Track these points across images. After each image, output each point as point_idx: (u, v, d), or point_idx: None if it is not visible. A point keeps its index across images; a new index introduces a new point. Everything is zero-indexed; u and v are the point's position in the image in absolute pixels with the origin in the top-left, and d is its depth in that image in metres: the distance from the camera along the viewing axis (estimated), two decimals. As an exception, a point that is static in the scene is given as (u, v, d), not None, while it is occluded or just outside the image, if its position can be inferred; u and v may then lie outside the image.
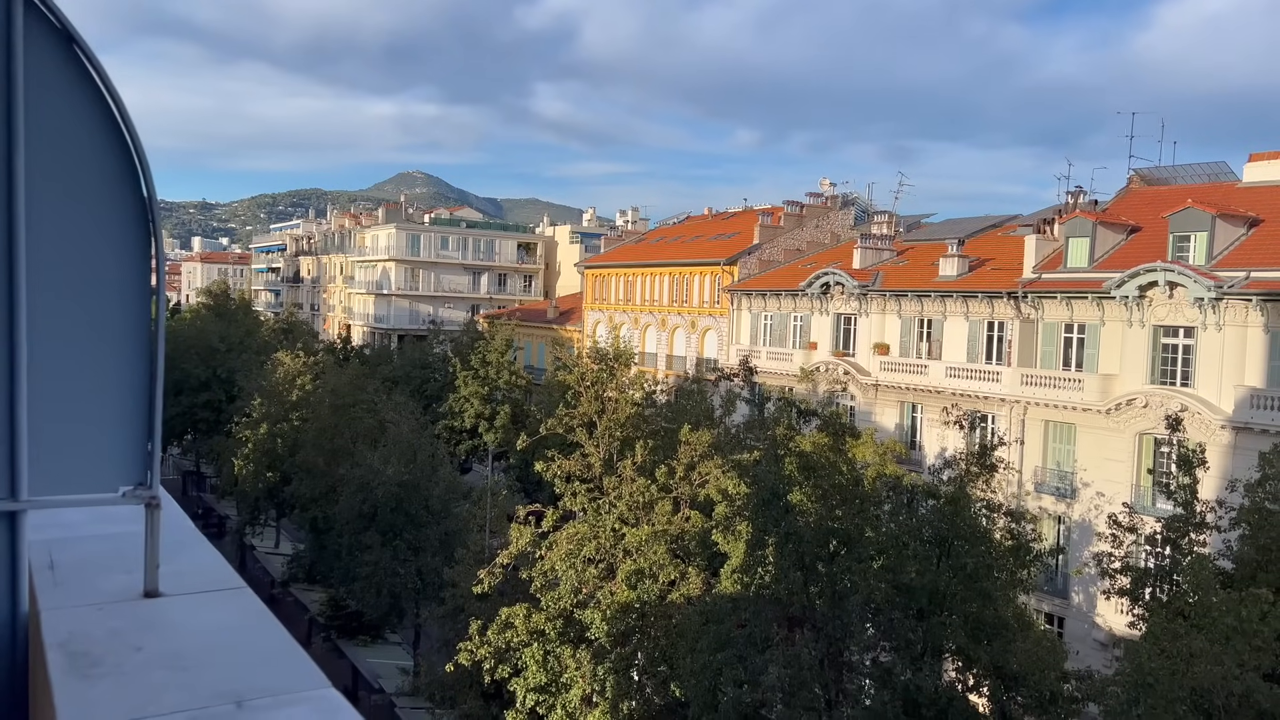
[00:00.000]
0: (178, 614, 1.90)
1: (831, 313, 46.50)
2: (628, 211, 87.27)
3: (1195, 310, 32.03)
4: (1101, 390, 34.29)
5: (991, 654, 20.64)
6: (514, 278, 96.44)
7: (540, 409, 47.16)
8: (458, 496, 40.43)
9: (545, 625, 25.42)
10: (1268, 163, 37.12)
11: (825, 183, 58.26)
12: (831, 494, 22.08)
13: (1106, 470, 34.00)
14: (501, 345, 59.16)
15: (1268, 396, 29.90)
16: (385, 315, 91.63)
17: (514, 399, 57.96)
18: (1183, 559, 21.70)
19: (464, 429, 56.84)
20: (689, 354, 56.41)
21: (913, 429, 41.99)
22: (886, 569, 21.55)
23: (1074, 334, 36.28)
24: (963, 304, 40.19)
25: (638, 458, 27.51)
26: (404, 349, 74.62)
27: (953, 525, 21.32)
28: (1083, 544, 32.85)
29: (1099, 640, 32.70)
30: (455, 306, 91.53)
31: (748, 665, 20.89)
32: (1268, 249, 32.14)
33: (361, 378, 52.93)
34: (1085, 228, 37.26)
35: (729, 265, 53.94)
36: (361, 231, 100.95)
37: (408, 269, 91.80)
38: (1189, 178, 40.80)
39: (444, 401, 57.72)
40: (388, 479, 36.91)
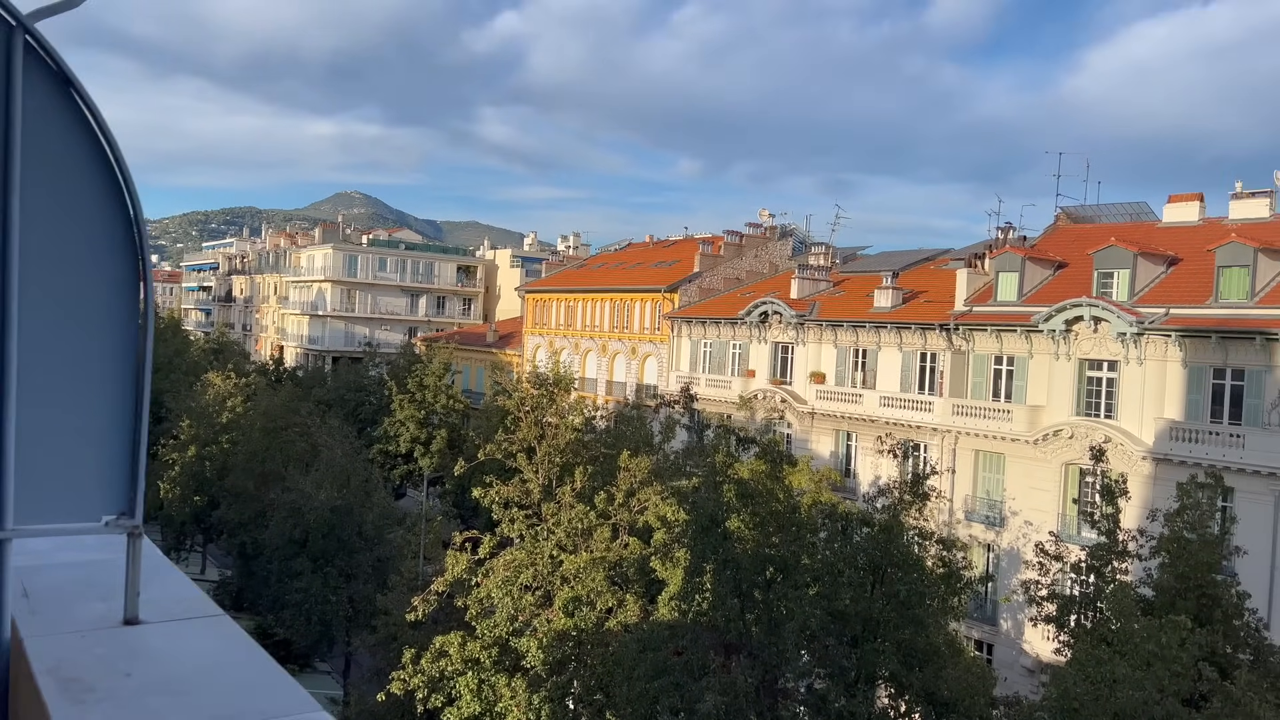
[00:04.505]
0: (161, 641, 1.90)
1: (769, 341, 47.06)
2: (570, 237, 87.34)
3: (1118, 345, 33.15)
4: (1029, 421, 35.22)
5: (923, 680, 20.95)
6: (453, 301, 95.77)
7: (478, 434, 46.75)
8: (392, 522, 39.82)
9: (480, 653, 25.11)
10: (1185, 204, 38.72)
11: (765, 213, 59.13)
12: (769, 521, 22.28)
13: (1034, 499, 34.87)
14: (439, 369, 58.62)
15: (1186, 429, 31.02)
16: (320, 337, 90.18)
17: (451, 423, 57.39)
18: (1106, 586, 22.32)
19: (399, 453, 56.05)
20: (629, 380, 56.53)
21: (847, 457, 42.60)
22: (822, 596, 21.77)
23: (1003, 366, 37.26)
24: (897, 335, 41.02)
25: (577, 484, 27.45)
26: (339, 371, 73.47)
27: (886, 553, 21.65)
28: (1011, 571, 33.58)
29: (1026, 666, 33.38)
30: (392, 329, 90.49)
31: (684, 693, 20.88)
32: (1186, 287, 33.46)
33: (294, 400, 51.96)
34: (1014, 263, 38.38)
35: (669, 292, 54.32)
36: (297, 251, 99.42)
37: (344, 290, 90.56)
38: (1112, 216, 42.34)
39: (379, 425, 56.91)
40: (320, 504, 36.23)
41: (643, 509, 26.86)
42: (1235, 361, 30.52)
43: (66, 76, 1.73)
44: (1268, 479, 28.76)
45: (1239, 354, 30.37)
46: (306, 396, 56.97)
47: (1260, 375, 29.95)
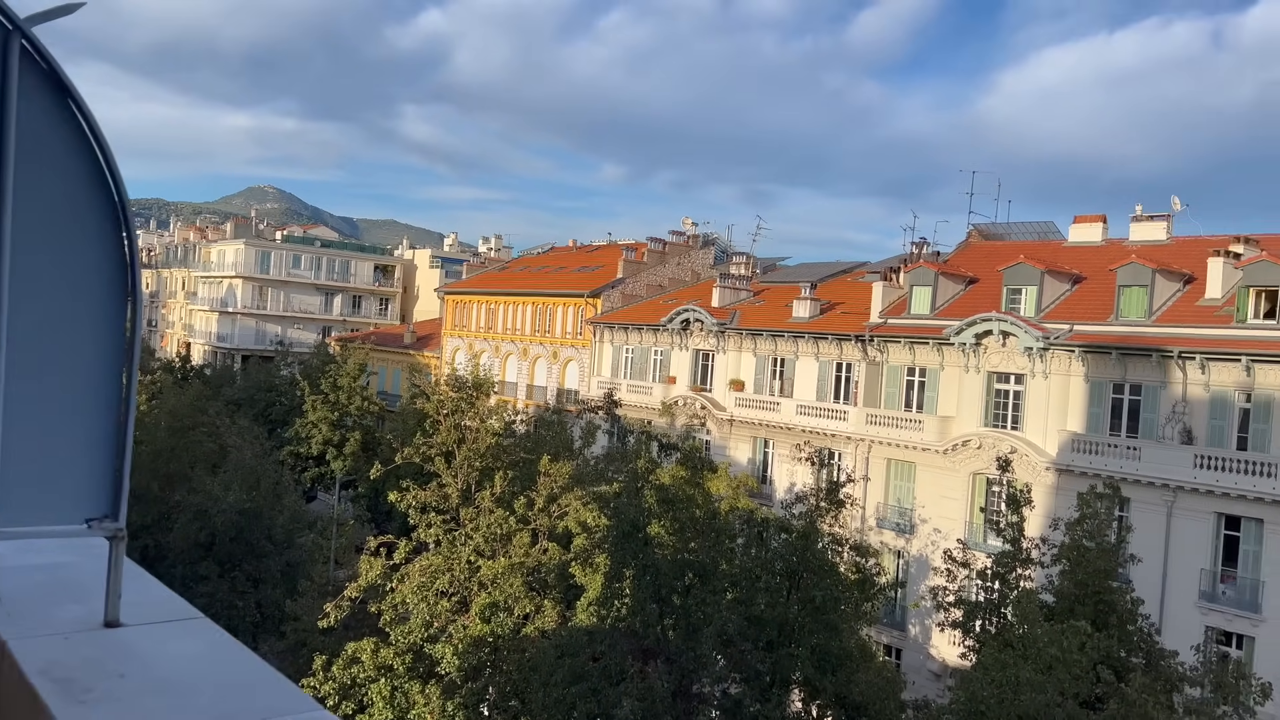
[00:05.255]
0: (147, 643, 1.86)
1: (691, 348, 47.45)
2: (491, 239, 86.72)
3: (1025, 359, 34.36)
4: (940, 431, 36.23)
5: (836, 684, 21.36)
6: (369, 300, 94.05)
7: (395, 437, 46.00)
8: (303, 526, 38.88)
9: (394, 660, 24.70)
10: (1089, 225, 40.38)
11: (688, 222, 59.63)
12: (689, 527, 22.46)
13: (943, 507, 35.87)
14: (354, 369, 57.51)
15: (1087, 441, 32.31)
16: (230, 334, 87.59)
17: (365, 425, 56.35)
18: (1010, 593, 23.09)
19: (311, 455, 54.79)
20: (550, 384, 56.33)
21: (764, 463, 43.18)
22: (739, 601, 22.05)
23: (916, 377, 38.27)
24: (814, 345, 41.77)
25: (496, 489, 27.24)
26: (249, 370, 71.46)
27: (803, 559, 22.03)
28: (920, 578, 34.47)
29: (932, 671, 34.30)
30: (306, 328, 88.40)
31: (601, 698, 20.88)
32: (1089, 304, 34.89)
33: (202, 399, 50.32)
34: (928, 277, 39.47)
35: (592, 298, 54.33)
36: (207, 246, 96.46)
37: (256, 287, 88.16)
38: (1021, 235, 43.90)
39: (290, 426, 55.51)
40: (228, 506, 35.16)
41: (563, 514, 26.81)
42: (1134, 377, 31.92)
43: (62, 83, 1.71)
44: (1161, 490, 30.14)
45: (1137, 370, 31.78)
46: (215, 395, 55.25)
47: (1156, 390, 31.38)
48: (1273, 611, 27.95)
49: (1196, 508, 29.63)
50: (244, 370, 73.32)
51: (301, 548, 36.75)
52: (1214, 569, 29.48)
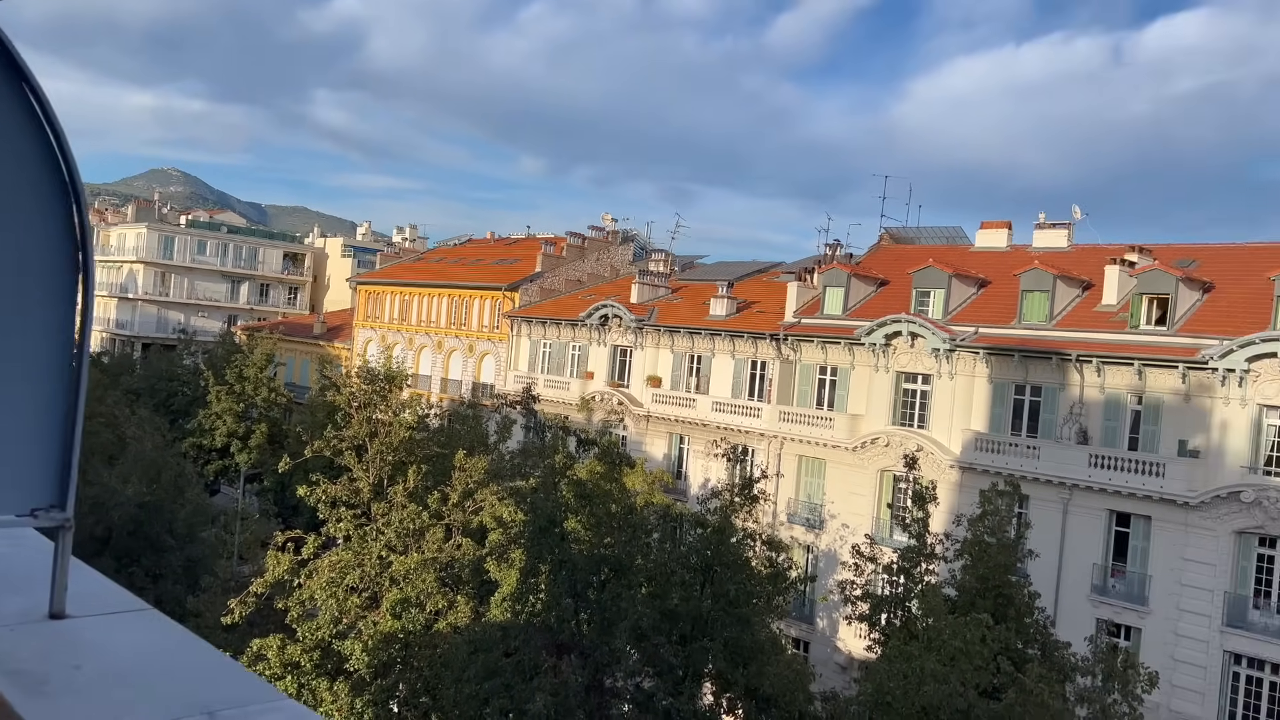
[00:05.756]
0: (97, 634, 1.79)
1: (609, 344, 47.50)
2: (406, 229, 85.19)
3: (932, 360, 35.37)
4: (850, 429, 37.05)
5: (747, 677, 21.68)
6: (278, 289, 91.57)
7: (304, 429, 44.92)
8: (205, 520, 37.74)
9: (301, 657, 24.19)
10: (995, 231, 41.75)
11: (607, 218, 59.67)
12: (605, 522, 22.51)
13: (852, 503, 36.69)
14: (261, 360, 56.01)
15: (989, 440, 33.43)
16: (129, 321, 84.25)
17: (272, 418, 54.97)
18: (915, 586, 23.78)
19: (214, 448, 53.19)
20: (465, 378, 55.73)
21: (680, 459, 43.53)
22: (654, 596, 22.20)
23: (828, 376, 39.05)
24: (730, 343, 42.26)
25: (409, 483, 26.86)
26: (149, 359, 68.89)
27: (717, 553, 22.30)
28: (829, 572, 35.20)
29: (839, 663, 35.08)
30: (211, 316, 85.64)
31: (514, 694, 20.79)
32: (994, 308, 36.09)
33: (100, 388, 48.33)
34: (840, 278, 40.30)
35: (510, 291, 53.93)
36: (106, 229, 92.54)
37: (158, 273, 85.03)
38: (931, 239, 45.13)
39: (193, 417, 53.77)
40: (126, 499, 33.88)
41: (478, 509, 26.59)
42: (1034, 379, 33.15)
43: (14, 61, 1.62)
44: (1058, 488, 31.39)
45: (1038, 372, 33.02)
46: (113, 384, 53.13)
47: (1055, 392, 32.65)
48: (1159, 604, 29.39)
49: (1090, 505, 30.95)
50: (144, 359, 70.66)
51: (204, 542, 35.66)
52: (1105, 564, 30.85)
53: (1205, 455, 29.02)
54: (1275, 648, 27.35)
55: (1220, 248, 35.34)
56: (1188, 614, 28.73)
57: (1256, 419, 28.30)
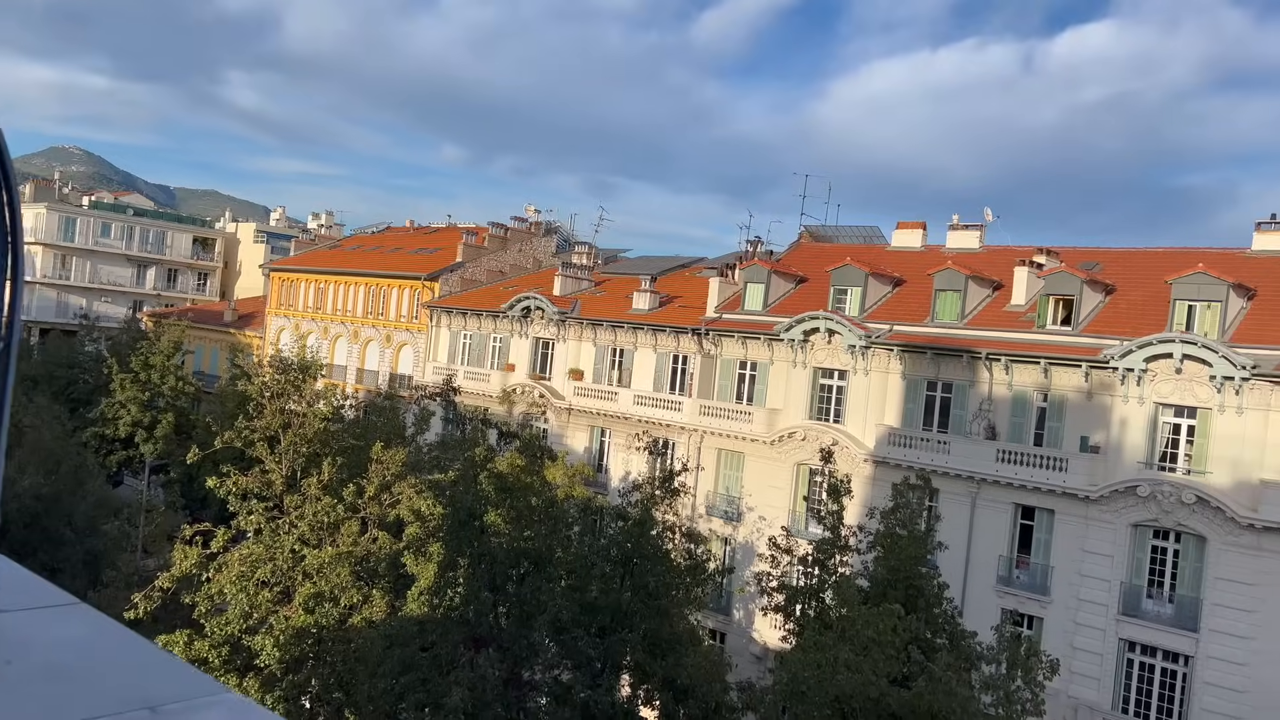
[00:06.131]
0: (26, 630, 1.71)
1: (531, 336, 47.25)
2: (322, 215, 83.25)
3: (849, 356, 36.08)
4: (768, 423, 37.57)
5: (665, 668, 21.86)
6: (186, 274, 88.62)
7: (213, 420, 43.65)
8: (108, 513, 36.44)
9: (209, 653, 23.57)
10: (911, 231, 42.76)
11: (530, 209, 59.28)
12: (525, 515, 22.43)
13: (769, 496, 37.23)
14: (168, 347, 54.26)
15: (902, 435, 34.26)
16: (27, 306, 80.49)
17: (179, 407, 53.30)
18: (830, 578, 24.25)
19: (118, 438, 51.30)
20: (382, 369, 54.80)
21: (601, 452, 43.57)
22: (573, 588, 22.21)
23: (748, 370, 39.52)
24: (652, 336, 42.45)
25: (324, 475, 26.36)
26: (48, 345, 66.03)
27: (637, 546, 22.42)
28: (746, 564, 35.67)
29: (754, 654, 35.60)
30: (115, 301, 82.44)
31: (431, 688, 20.59)
32: (908, 306, 36.97)
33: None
34: (761, 275, 40.81)
35: (430, 281, 53.19)
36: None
37: (58, 255, 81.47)
38: (849, 238, 45.99)
39: (95, 406, 51.75)
40: (23, 491, 32.48)
41: (395, 502, 26.24)
42: (946, 376, 34.08)
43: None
44: (967, 481, 32.36)
45: (949, 369, 33.95)
46: (7, 371, 50.76)
47: (965, 389, 33.63)
48: (1060, 594, 30.56)
49: (997, 499, 31.98)
50: (42, 345, 67.67)
51: (106, 536, 34.43)
52: (1011, 555, 31.93)
53: (1105, 451, 30.24)
54: (1166, 635, 28.70)
55: (1122, 252, 36.84)
56: (1086, 603, 29.92)
57: (1153, 417, 29.60)
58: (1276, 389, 27.34)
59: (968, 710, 18.14)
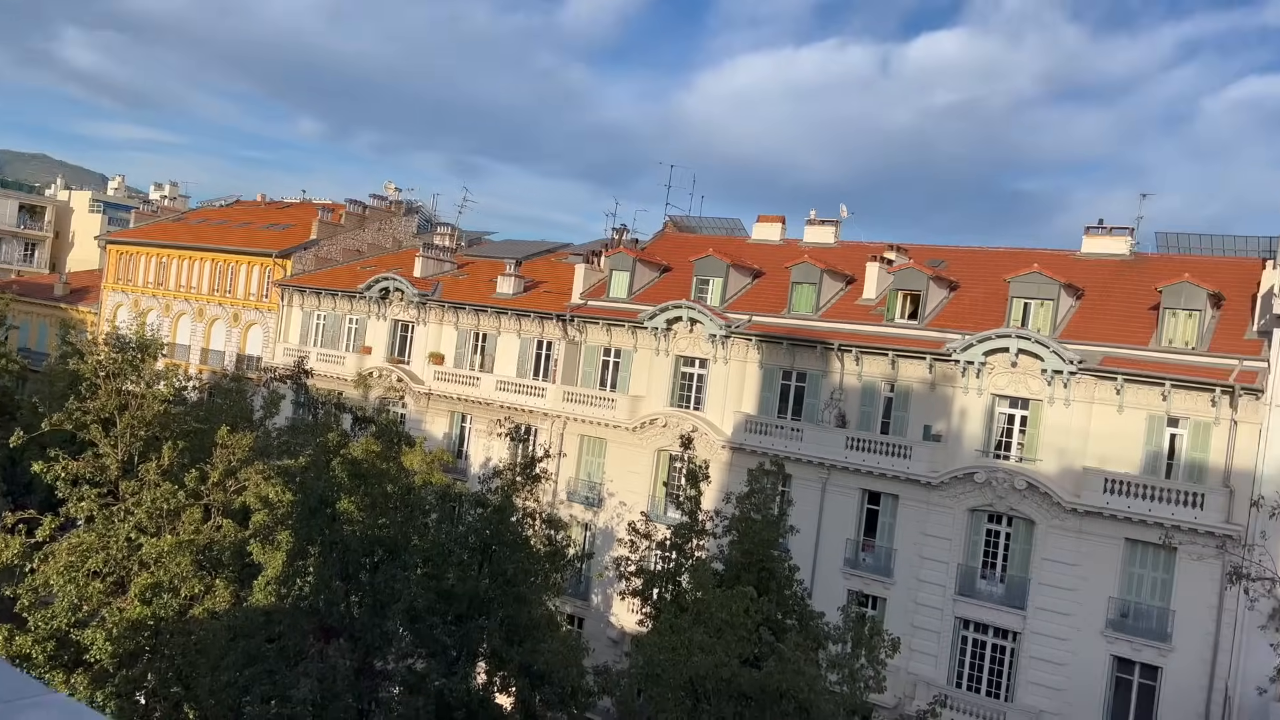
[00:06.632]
0: None
1: (389, 318, 46.09)
2: (165, 185, 78.71)
3: (709, 345, 36.76)
4: (630, 410, 37.91)
5: (522, 655, 21.82)
6: (12, 244, 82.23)
7: (40, 400, 40.77)
8: (-85, 499, 33.51)
9: (32, 649, 22.09)
10: (770, 225, 43.84)
11: (391, 187, 57.62)
12: (380, 502, 21.92)
13: (630, 482, 37.60)
14: (-10, 322, 50.23)
15: (759, 422, 35.18)
16: None
17: (3, 386, 49.45)
18: (687, 562, 24.72)
19: (-71, 418, 47.19)
20: (229, 349, 52.37)
21: (461, 438, 42.97)
22: (430, 576, 21.87)
23: (611, 358, 39.73)
24: (516, 321, 42.10)
25: (164, 460, 25.03)
26: None
27: (496, 532, 22.25)
28: (605, 549, 35.92)
29: (611, 638, 35.95)
30: (-73, 270, 75.73)
31: (277, 680, 19.91)
32: (767, 297, 37.94)
33: None
34: (626, 263, 41.06)
35: (282, 258, 51.09)
36: None
37: None
38: (712, 229, 46.77)
39: (-98, 384, 47.46)
40: None
41: (241, 489, 25.18)
42: (800, 365, 35.17)
43: None
44: (818, 468, 33.52)
45: (804, 359, 35.05)
46: None
47: (818, 379, 34.80)
48: (902, 575, 32.08)
49: (846, 484, 33.28)
50: None
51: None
52: (857, 539, 33.29)
53: (946, 439, 31.87)
54: (996, 613, 30.57)
55: (966, 250, 38.81)
56: (926, 584, 31.53)
57: (990, 407, 31.39)
58: (1100, 383, 29.44)
59: (814, 688, 18.84)
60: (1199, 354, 28.96)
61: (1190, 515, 27.25)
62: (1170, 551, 27.64)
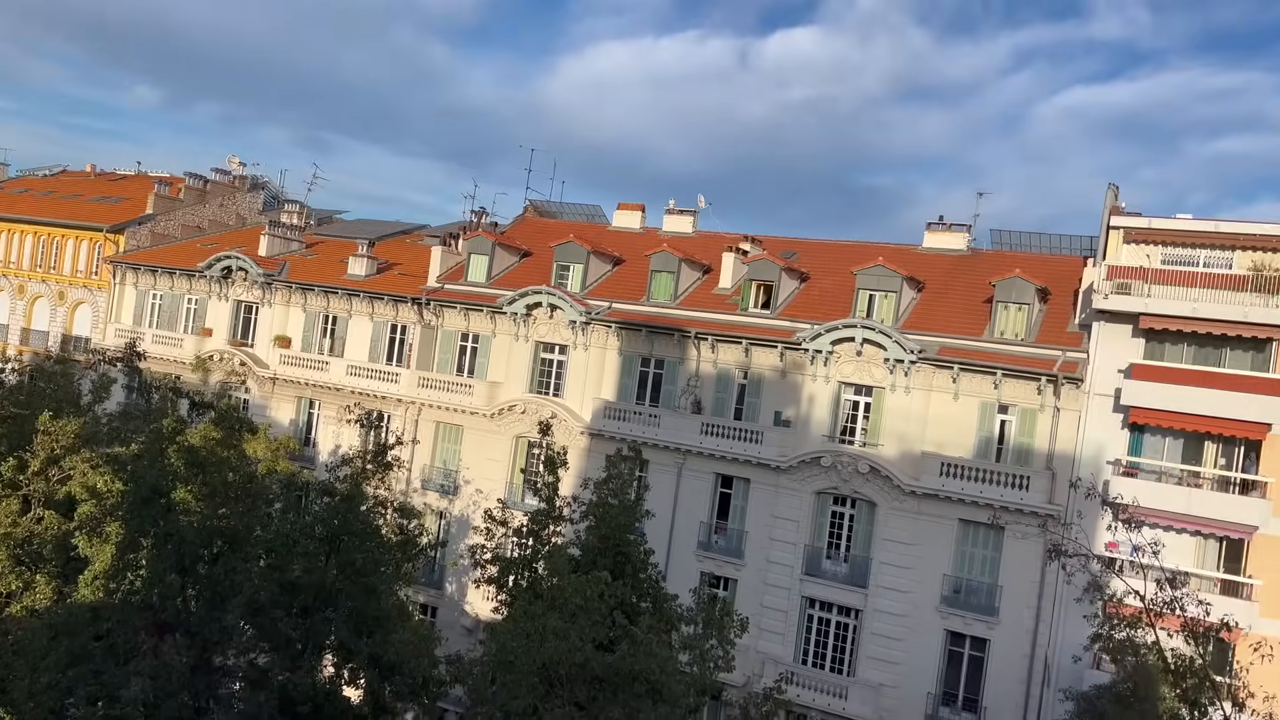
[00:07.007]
0: None
1: (232, 299, 44.02)
2: (-19, 152, 72.40)
3: (569, 331, 36.74)
4: (489, 396, 37.50)
5: (372, 646, 21.34)
6: None
7: None
8: None
9: None
10: (630, 212, 44.11)
11: (234, 160, 54.89)
12: (221, 492, 20.96)
13: (487, 469, 37.23)
14: None
15: (617, 409, 35.44)
16: None
17: None
18: (543, 548, 24.68)
19: None
20: (54, 329, 48.88)
21: (309, 425, 41.54)
22: (273, 568, 21.09)
23: (469, 343, 39.18)
24: (369, 304, 40.94)
25: (-23, 447, 23.18)
26: None
27: (345, 522, 21.64)
28: (461, 537, 35.51)
29: (466, 626, 35.58)
30: None
31: (105, 680, 18.80)
32: (627, 285, 38.19)
33: None
34: (485, 246, 40.52)
35: (114, 233, 47.99)
36: None
37: None
38: (573, 215, 46.69)
39: None
40: None
41: (66, 478, 23.59)
42: (659, 353, 35.61)
43: None
44: (674, 453, 34.06)
45: (662, 347, 35.50)
46: None
47: (676, 366, 35.32)
48: (752, 557, 33.01)
49: (701, 469, 33.96)
50: None
51: None
52: (710, 522, 34.04)
53: (795, 425, 32.94)
54: (840, 592, 31.87)
55: (817, 243, 40.10)
56: (775, 565, 32.56)
57: (836, 394, 32.61)
58: (938, 371, 31.02)
59: (666, 670, 19.18)
60: (1027, 345, 30.90)
61: (1016, 496, 29.11)
62: (998, 531, 29.45)
